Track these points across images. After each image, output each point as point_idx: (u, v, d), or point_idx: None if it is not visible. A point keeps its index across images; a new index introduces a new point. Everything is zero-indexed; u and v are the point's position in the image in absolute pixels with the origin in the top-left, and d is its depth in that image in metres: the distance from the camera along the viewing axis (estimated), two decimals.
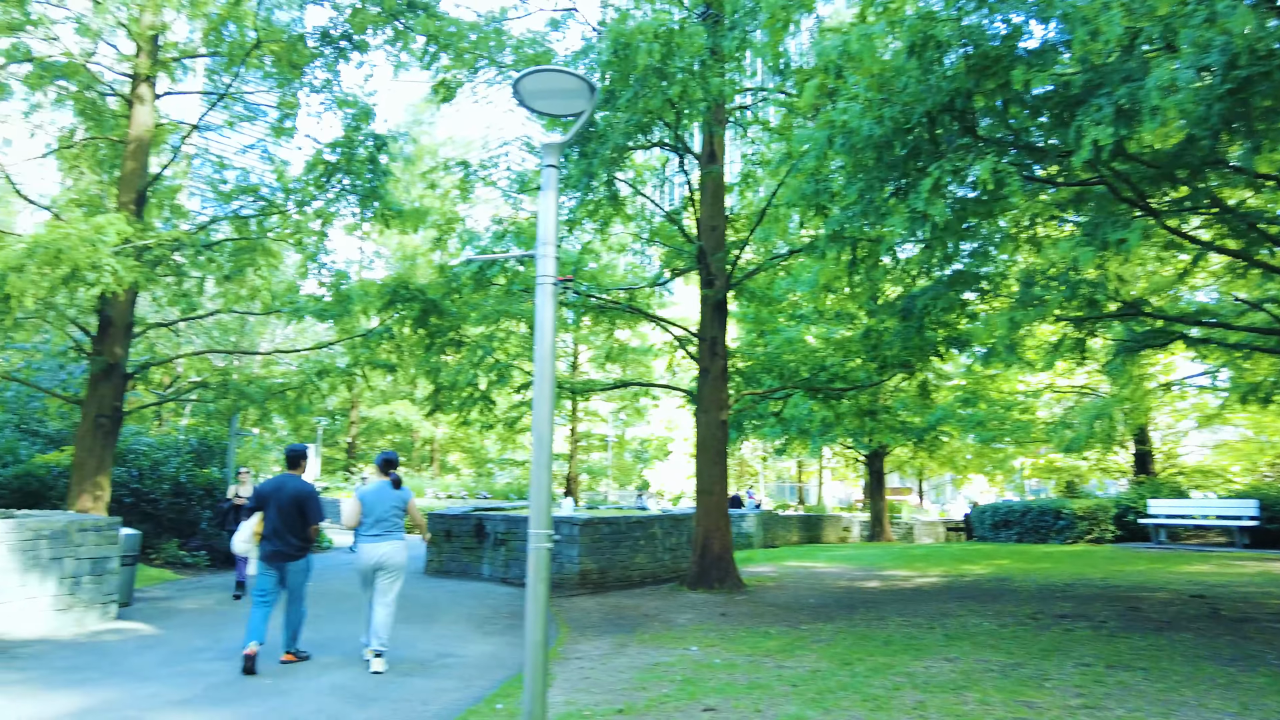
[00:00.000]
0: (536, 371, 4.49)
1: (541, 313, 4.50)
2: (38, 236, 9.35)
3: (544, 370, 4.45)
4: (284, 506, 6.93)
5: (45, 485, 14.85)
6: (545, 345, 4.48)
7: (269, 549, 6.94)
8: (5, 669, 6.46)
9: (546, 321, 4.49)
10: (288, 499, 6.96)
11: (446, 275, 12.72)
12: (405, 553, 7.26)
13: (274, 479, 7.23)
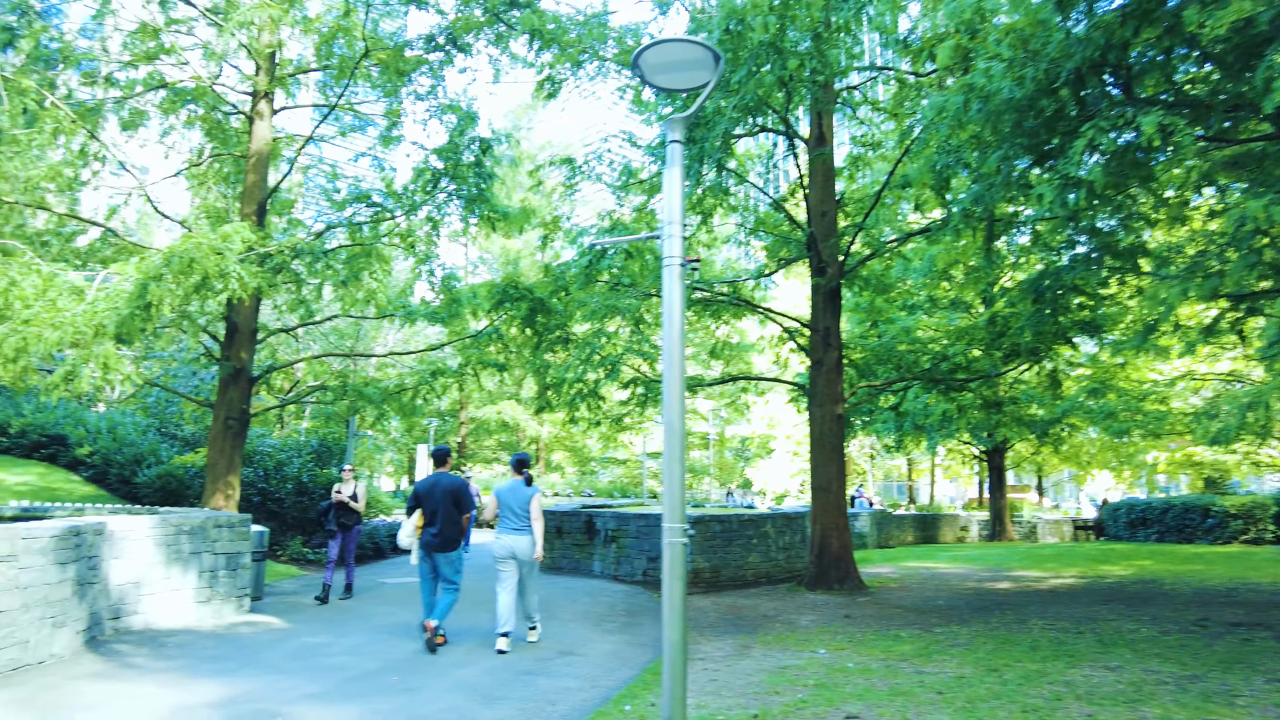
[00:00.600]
0: (665, 358, 4.24)
1: (670, 295, 4.25)
2: (172, 247, 9.79)
3: (673, 356, 4.20)
4: (440, 500, 7.65)
5: (183, 484, 15.72)
6: (674, 329, 4.23)
7: (429, 539, 7.68)
8: (157, 657, 6.72)
9: (675, 304, 4.24)
10: (443, 493, 7.68)
11: (552, 274, 12.71)
12: (535, 545, 7.69)
13: (428, 477, 7.91)
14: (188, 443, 19.21)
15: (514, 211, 15.38)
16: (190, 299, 10.59)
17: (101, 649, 6.92)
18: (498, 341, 15.48)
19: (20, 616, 6.03)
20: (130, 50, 14.10)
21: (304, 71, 15.57)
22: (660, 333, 16.77)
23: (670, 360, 4.21)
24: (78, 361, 9.03)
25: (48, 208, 13.42)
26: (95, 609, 7.26)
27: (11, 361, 8.91)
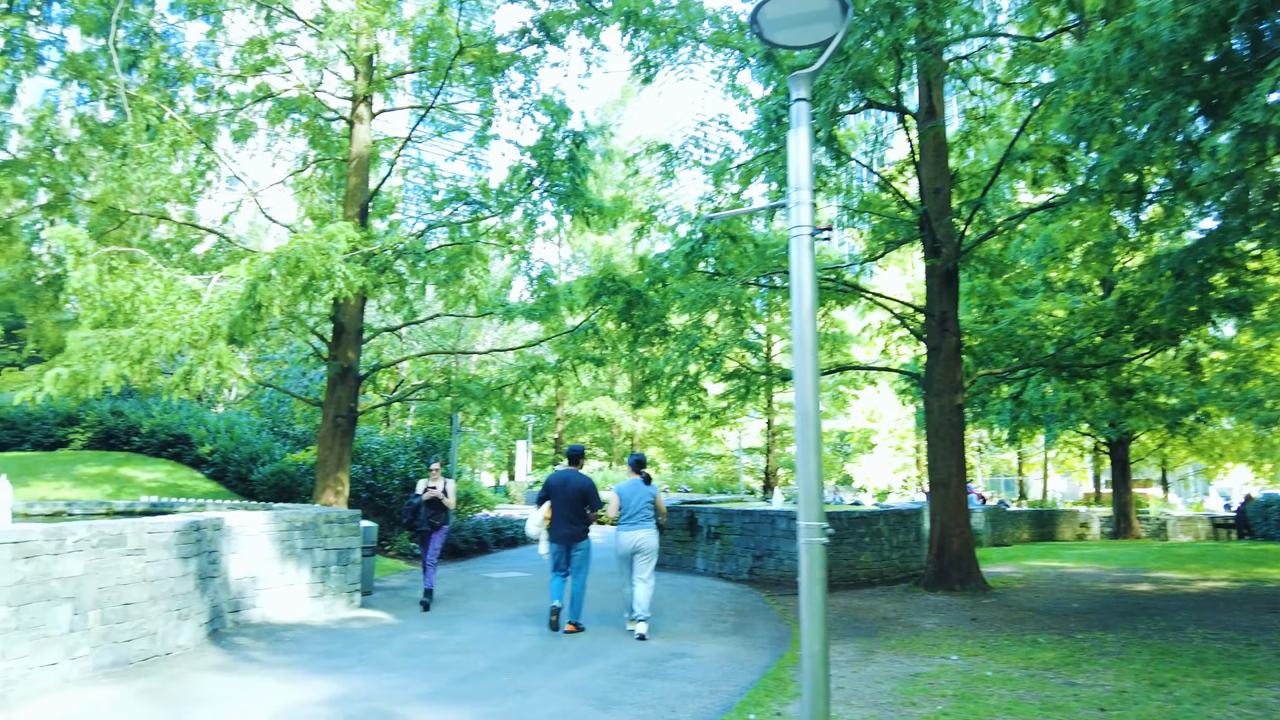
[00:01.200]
0: (796, 337, 3.86)
1: (799, 268, 3.86)
2: (279, 248, 10.01)
3: (804, 335, 3.82)
4: (570, 496, 8.20)
5: (295, 481, 16.25)
6: (805, 304, 3.84)
7: (559, 532, 8.22)
8: (274, 652, 6.78)
9: (805, 278, 3.85)
10: (573, 490, 8.23)
11: (648, 266, 12.44)
12: (657, 538, 8.15)
13: (560, 473, 8.46)
14: (299, 441, 19.91)
15: (608, 206, 15.21)
16: (298, 300, 10.83)
17: (223, 642, 7.05)
18: (594, 337, 15.37)
19: (149, 608, 6.16)
20: (239, 64, 14.60)
21: (400, 74, 15.82)
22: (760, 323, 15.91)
23: (801, 340, 3.82)
24: (194, 362, 9.32)
25: (168, 217, 14.04)
26: (216, 602, 7.41)
27: (138, 362, 9.27)
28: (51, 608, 5.44)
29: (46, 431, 18.98)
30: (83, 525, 5.68)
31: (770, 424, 38.00)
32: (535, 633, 8.04)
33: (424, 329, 23.96)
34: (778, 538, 12.69)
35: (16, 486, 15.03)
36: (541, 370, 14.71)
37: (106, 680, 5.61)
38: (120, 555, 5.94)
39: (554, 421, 41.10)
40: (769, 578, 12.57)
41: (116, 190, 11.72)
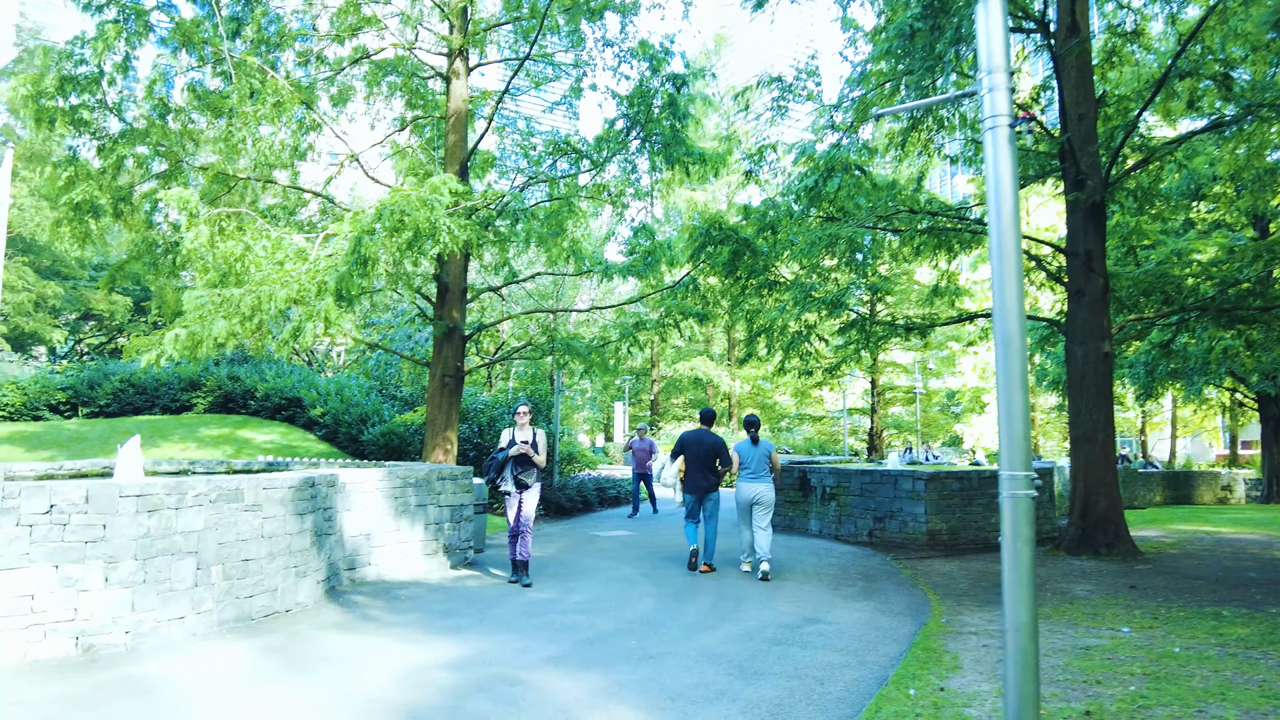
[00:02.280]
0: (995, 250, 3.20)
1: (997, 167, 3.19)
2: (383, 201, 9.80)
3: (1006, 247, 3.15)
4: (703, 453, 9.06)
5: (404, 442, 16.42)
6: (1005, 211, 3.17)
7: (693, 483, 9.07)
8: (391, 610, 6.62)
9: (1005, 177, 3.18)
10: (706, 447, 9.08)
11: (757, 213, 11.71)
12: (773, 490, 8.97)
13: (693, 431, 9.26)
14: (406, 402, 20.22)
15: (710, 153, 14.50)
16: (404, 256, 10.66)
17: (340, 599, 6.94)
18: (695, 293, 14.83)
19: (268, 565, 6.05)
20: (336, 26, 14.52)
21: (495, 26, 15.42)
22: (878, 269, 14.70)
23: (1002, 254, 3.16)
24: (303, 318, 9.25)
25: (274, 182, 14.17)
26: (333, 559, 7.31)
27: (248, 319, 9.27)
28: (175, 562, 5.35)
29: (173, 396, 19.87)
30: (201, 480, 5.56)
31: (875, 384, 36.68)
32: (655, 593, 7.65)
33: (524, 289, 23.91)
34: (900, 499, 11.93)
35: (147, 447, 15.74)
36: (644, 326, 14.26)
37: (231, 636, 5.51)
38: (238, 511, 5.82)
39: (650, 383, 40.85)
40: (891, 540, 11.85)
41: (225, 153, 11.79)
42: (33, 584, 4.80)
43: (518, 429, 8.17)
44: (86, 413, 19.12)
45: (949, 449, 48.62)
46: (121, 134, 12.43)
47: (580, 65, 15.66)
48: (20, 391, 18.88)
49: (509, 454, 8.01)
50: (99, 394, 19.23)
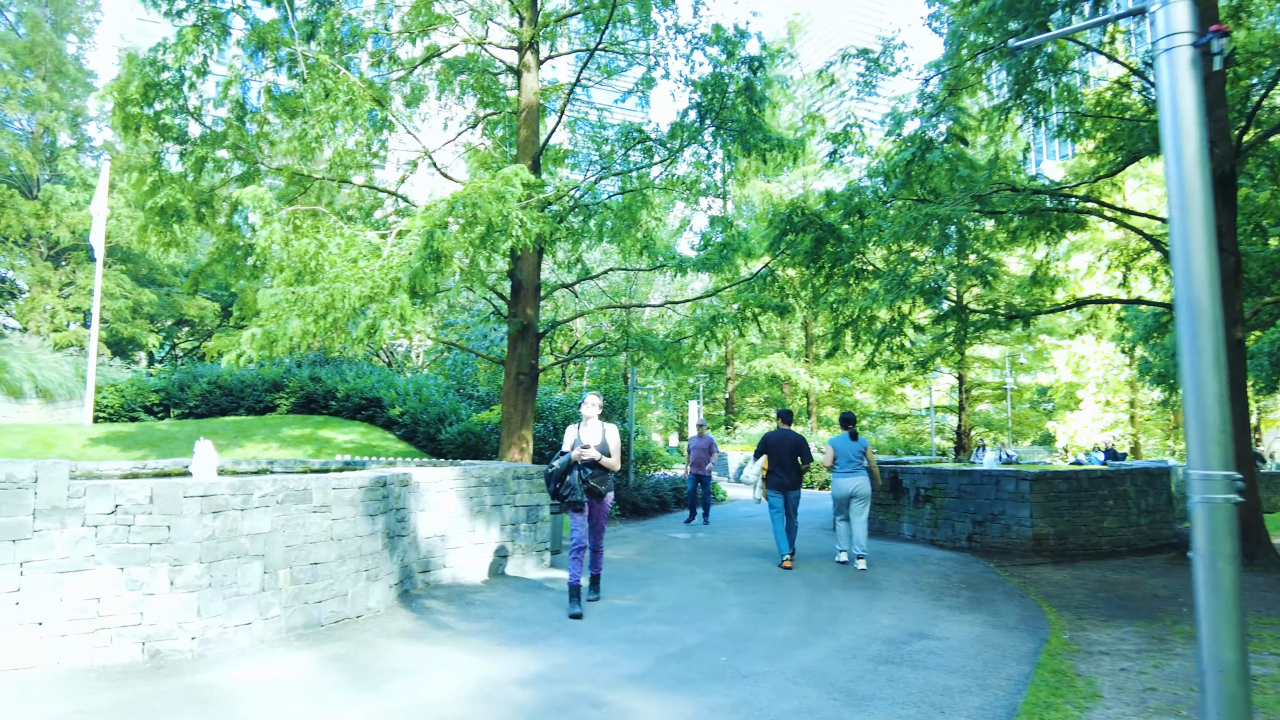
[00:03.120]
0: (1175, 201, 2.60)
1: (1175, 93, 2.59)
2: (454, 194, 9.57)
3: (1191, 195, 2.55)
4: (786, 451, 9.47)
5: (480, 440, 16.31)
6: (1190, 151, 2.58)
7: (775, 481, 9.47)
8: (464, 617, 6.30)
9: (1188, 110, 2.58)
10: (790, 446, 9.48)
11: (842, 196, 11.05)
12: (869, 485, 9.38)
13: (776, 431, 9.66)
14: (483, 402, 20.18)
15: (788, 139, 13.87)
16: (478, 252, 10.42)
17: (413, 604, 6.66)
18: (773, 285, 14.24)
19: (337, 568, 5.80)
20: (407, 25, 14.49)
21: (565, 17, 15.14)
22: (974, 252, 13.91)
23: (1186, 203, 2.56)
24: (377, 315, 9.08)
25: (349, 181, 14.20)
26: (406, 562, 7.05)
27: (322, 317, 9.16)
28: (241, 565, 5.12)
29: (257, 397, 20.32)
30: (268, 480, 5.33)
31: (962, 380, 35.12)
32: (740, 602, 7.14)
33: (597, 285, 23.66)
34: (1003, 501, 11.09)
35: (231, 447, 16.04)
36: (721, 320, 13.73)
37: (299, 643, 5.26)
38: (306, 512, 5.57)
39: (724, 381, 40.13)
40: (993, 546, 11.03)
41: (299, 153, 11.80)
42: (99, 586, 4.63)
43: (583, 426, 6.76)
44: (177, 414, 19.73)
45: (1039, 447, 46.38)
46: (201, 138, 12.60)
47: (652, 54, 15.25)
48: (118, 394, 19.60)
49: (571, 459, 6.55)
50: (189, 396, 19.80)
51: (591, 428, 6.75)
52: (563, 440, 6.84)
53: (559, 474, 6.59)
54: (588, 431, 6.72)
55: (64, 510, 4.55)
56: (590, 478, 6.55)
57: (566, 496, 6.55)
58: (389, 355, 28.74)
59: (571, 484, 6.53)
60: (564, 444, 6.73)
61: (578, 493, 6.52)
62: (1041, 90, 10.67)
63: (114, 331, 26.20)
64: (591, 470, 6.56)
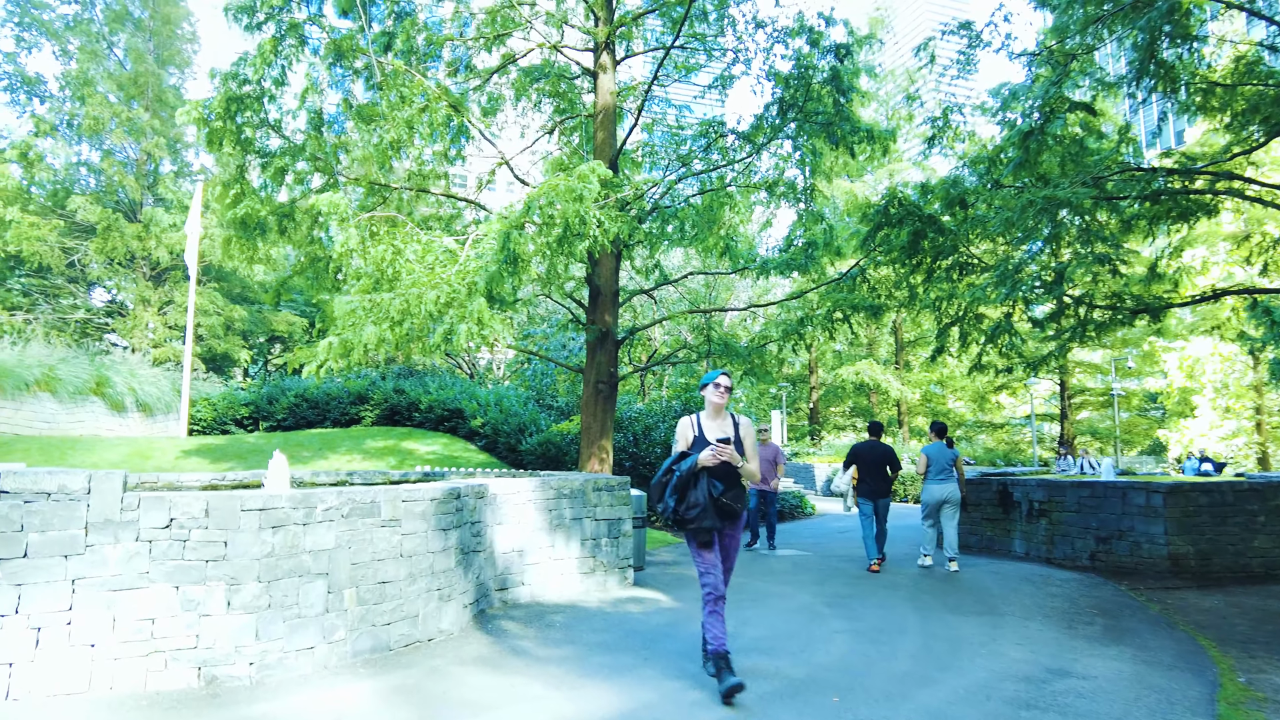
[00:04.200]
0: None
1: None
2: (531, 194, 9.20)
3: None
4: (875, 461, 9.95)
5: (560, 451, 15.94)
6: None
7: (865, 489, 9.97)
8: (543, 641, 5.79)
9: None
10: (879, 455, 9.95)
11: (948, 180, 10.19)
12: (960, 492, 9.84)
13: (866, 442, 10.12)
14: (562, 412, 19.88)
15: (879, 129, 13.07)
16: (555, 255, 10.02)
17: (489, 625, 6.20)
18: (864, 285, 13.42)
19: (407, 587, 5.38)
20: (481, 32, 14.36)
21: (641, 16, 14.73)
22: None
23: None
24: (454, 320, 8.75)
25: (427, 191, 14.09)
26: (481, 579, 6.61)
27: (397, 324, 8.90)
28: (303, 584, 4.74)
29: (343, 410, 20.53)
30: (332, 492, 4.95)
31: (1064, 386, 33.06)
32: (847, 629, 6.42)
33: (676, 291, 23.15)
34: (1130, 516, 9.98)
35: (315, 459, 16.11)
36: (810, 321, 12.98)
37: (364, 669, 4.84)
38: (374, 526, 5.17)
39: (808, 390, 38.96)
40: (1120, 565, 9.93)
41: (377, 161, 11.67)
42: (153, 606, 4.31)
43: (706, 416, 4.89)
44: (266, 426, 20.09)
45: (1147, 457, 43.38)
46: (281, 150, 12.66)
47: (730, 50, 14.69)
48: (211, 407, 20.10)
49: (699, 463, 4.58)
50: (276, 409, 20.15)
51: (719, 421, 4.88)
52: (674, 439, 4.96)
53: (681, 484, 4.61)
54: (714, 425, 4.84)
55: (117, 524, 4.25)
56: (723, 494, 4.61)
57: (691, 521, 4.59)
58: (471, 367, 28.87)
59: (698, 501, 4.57)
60: (676, 444, 4.89)
61: (709, 515, 4.56)
62: (1166, 60, 9.61)
63: (209, 347, 27.10)
64: (724, 483, 4.63)
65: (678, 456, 4.75)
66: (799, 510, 18.27)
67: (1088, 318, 9.87)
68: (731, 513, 4.70)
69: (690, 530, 4.68)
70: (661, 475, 4.74)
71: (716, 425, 4.87)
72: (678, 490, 4.65)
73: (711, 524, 4.61)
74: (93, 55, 26.07)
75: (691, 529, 4.66)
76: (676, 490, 4.65)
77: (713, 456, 4.55)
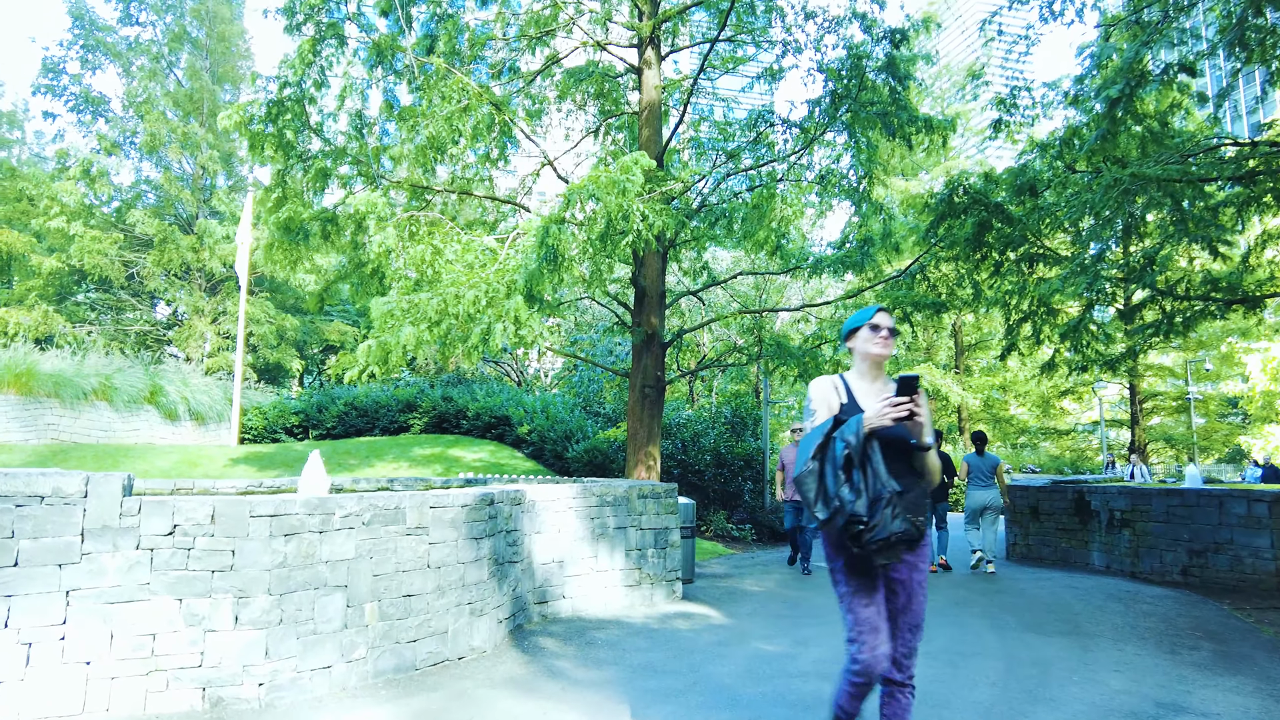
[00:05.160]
0: None
1: None
2: (571, 186, 8.79)
3: None
4: None
5: (607, 458, 15.50)
6: None
7: None
8: (583, 661, 5.31)
9: None
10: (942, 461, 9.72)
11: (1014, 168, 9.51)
12: (1000, 498, 10.21)
13: None
14: (609, 419, 19.47)
15: (937, 119, 12.39)
16: (597, 253, 9.60)
17: (525, 642, 5.75)
18: (923, 283, 12.73)
19: (435, 601, 4.96)
20: (524, 31, 14.11)
21: (686, 9, 14.30)
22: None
23: None
24: (492, 319, 8.38)
25: (470, 193, 13.84)
26: (518, 592, 6.17)
27: (435, 324, 8.57)
28: (319, 597, 4.35)
29: (391, 418, 20.43)
30: (352, 498, 4.57)
31: (1135, 390, 31.44)
32: (919, 650, 5.79)
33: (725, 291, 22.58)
34: (1229, 527, 9.11)
35: (362, 466, 15.96)
36: None
37: (386, 691, 4.42)
38: (398, 535, 4.77)
39: None
40: (1218, 581, 9.06)
41: (414, 157, 11.42)
42: (154, 620, 3.95)
43: (856, 376, 3.15)
44: (316, 434, 20.09)
45: (1225, 465, 41.14)
46: (321, 152, 12.53)
47: (778, 43, 14.17)
48: (262, 416, 20.19)
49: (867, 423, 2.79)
50: (326, 417, 20.15)
51: (878, 384, 3.11)
52: (805, 410, 3.17)
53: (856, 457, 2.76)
54: (871, 389, 3.08)
55: (116, 530, 3.91)
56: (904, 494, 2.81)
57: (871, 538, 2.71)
58: (519, 375, 28.69)
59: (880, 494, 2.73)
60: (812, 417, 3.07)
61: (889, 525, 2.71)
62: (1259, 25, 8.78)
63: (262, 357, 27.41)
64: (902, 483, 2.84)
65: (831, 424, 2.86)
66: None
67: (1174, 310, 9.05)
68: (914, 536, 2.77)
69: (868, 546, 2.71)
70: (811, 456, 2.80)
71: (875, 390, 3.06)
72: (844, 470, 2.73)
73: (904, 530, 2.69)
74: (153, 74, 26.70)
75: (869, 549, 2.72)
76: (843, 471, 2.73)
77: (892, 408, 2.72)
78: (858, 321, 3.13)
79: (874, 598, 2.90)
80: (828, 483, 2.79)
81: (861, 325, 3.11)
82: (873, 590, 2.91)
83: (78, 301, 27.42)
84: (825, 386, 3.12)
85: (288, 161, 12.24)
